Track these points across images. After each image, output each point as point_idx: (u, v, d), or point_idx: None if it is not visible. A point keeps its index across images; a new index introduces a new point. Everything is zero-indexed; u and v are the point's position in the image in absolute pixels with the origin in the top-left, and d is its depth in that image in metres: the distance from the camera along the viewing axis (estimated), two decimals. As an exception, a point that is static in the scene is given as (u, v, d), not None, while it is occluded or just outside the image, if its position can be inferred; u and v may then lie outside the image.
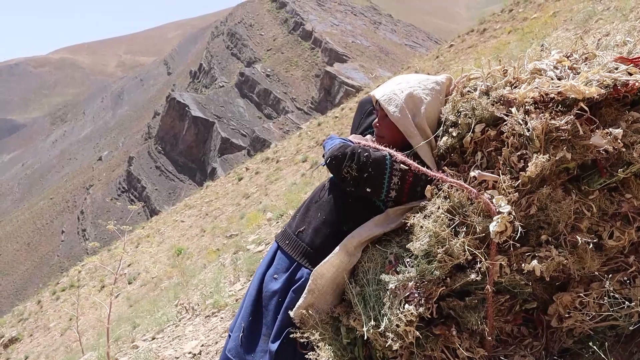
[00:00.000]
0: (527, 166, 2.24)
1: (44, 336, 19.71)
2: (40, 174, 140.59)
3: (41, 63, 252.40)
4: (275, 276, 2.78)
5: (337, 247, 2.57)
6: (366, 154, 2.52)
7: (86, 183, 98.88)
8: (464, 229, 2.32)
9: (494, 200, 2.26)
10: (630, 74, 2.33)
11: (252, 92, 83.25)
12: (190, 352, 5.63)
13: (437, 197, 2.43)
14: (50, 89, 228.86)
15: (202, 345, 5.71)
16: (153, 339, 6.82)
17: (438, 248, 2.30)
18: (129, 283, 19.21)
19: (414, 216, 2.40)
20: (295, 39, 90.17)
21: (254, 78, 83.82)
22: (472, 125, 2.45)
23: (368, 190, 2.55)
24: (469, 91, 2.57)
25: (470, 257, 2.28)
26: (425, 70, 25.14)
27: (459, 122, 2.51)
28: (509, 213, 2.20)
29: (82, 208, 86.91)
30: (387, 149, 2.58)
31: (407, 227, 2.48)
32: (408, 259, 2.41)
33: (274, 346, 2.65)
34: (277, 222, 11.12)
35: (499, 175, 2.32)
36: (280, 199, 16.11)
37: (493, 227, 2.21)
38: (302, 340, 2.60)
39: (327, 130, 27.06)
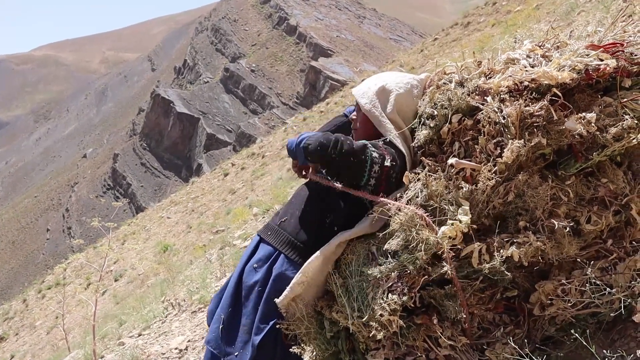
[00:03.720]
0: (504, 153, 2.26)
1: (30, 335, 19.59)
2: (25, 172, 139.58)
3: (24, 60, 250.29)
4: (255, 266, 2.78)
5: (332, 241, 2.59)
6: (349, 142, 2.54)
7: (71, 180, 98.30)
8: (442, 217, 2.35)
9: (460, 210, 2.29)
10: (602, 60, 2.37)
11: (237, 88, 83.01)
12: (176, 348, 5.61)
13: (415, 182, 2.48)
14: (33, 86, 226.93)
15: (189, 341, 5.70)
16: (139, 335, 6.80)
17: (415, 241, 2.33)
18: (115, 280, 19.13)
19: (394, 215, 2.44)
20: (280, 34, 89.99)
21: (239, 73, 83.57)
22: (449, 116, 2.48)
23: (349, 177, 2.58)
24: (444, 83, 2.61)
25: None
26: (410, 64, 25.22)
27: (436, 113, 2.55)
28: (467, 224, 2.25)
29: (67, 206, 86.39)
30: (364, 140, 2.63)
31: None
32: (390, 251, 2.43)
33: (257, 339, 2.65)
34: (263, 217, 11.12)
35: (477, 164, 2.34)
36: (267, 194, 16.10)
37: (444, 229, 2.26)
38: (287, 333, 2.60)
39: (313, 124, 27.09)
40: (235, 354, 2.72)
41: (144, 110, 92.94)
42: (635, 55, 2.42)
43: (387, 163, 2.54)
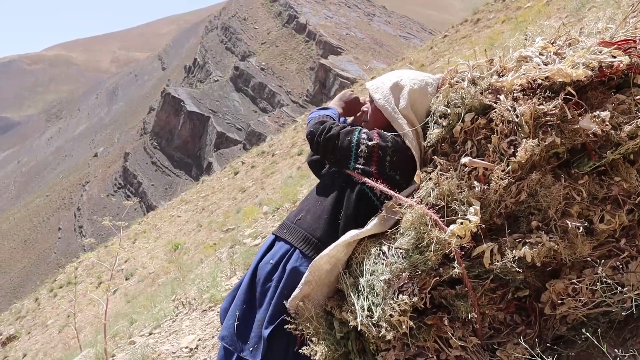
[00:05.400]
0: (517, 152, 2.24)
1: (41, 333, 19.71)
2: (36, 172, 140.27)
3: (35, 60, 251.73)
4: (271, 261, 2.80)
5: (339, 240, 2.60)
6: (337, 126, 2.73)
7: (82, 180, 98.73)
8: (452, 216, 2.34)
9: (471, 210, 2.28)
10: (614, 57, 2.35)
11: (247, 86, 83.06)
12: (187, 347, 5.62)
13: (427, 181, 2.48)
14: (44, 86, 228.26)
15: (199, 340, 5.70)
16: (150, 334, 6.81)
17: (425, 240, 2.33)
18: (126, 279, 19.22)
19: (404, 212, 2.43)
20: (290, 32, 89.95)
21: (249, 72, 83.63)
22: (462, 115, 2.46)
23: (337, 159, 2.73)
24: (457, 81, 2.59)
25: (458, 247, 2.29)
26: (420, 62, 25.15)
27: (449, 112, 2.54)
28: (476, 224, 2.24)
29: (79, 205, 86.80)
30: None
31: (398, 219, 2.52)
32: (401, 251, 2.42)
33: (267, 332, 2.66)
34: (274, 216, 11.11)
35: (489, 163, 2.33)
36: (277, 192, 16.09)
37: (453, 228, 2.25)
38: (296, 333, 2.60)
39: (323, 123, 26.97)
40: (250, 349, 2.73)
41: (154, 109, 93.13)
42: (648, 51, 2.40)
43: (373, 142, 2.64)
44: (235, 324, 2.82)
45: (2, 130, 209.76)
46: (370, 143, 2.63)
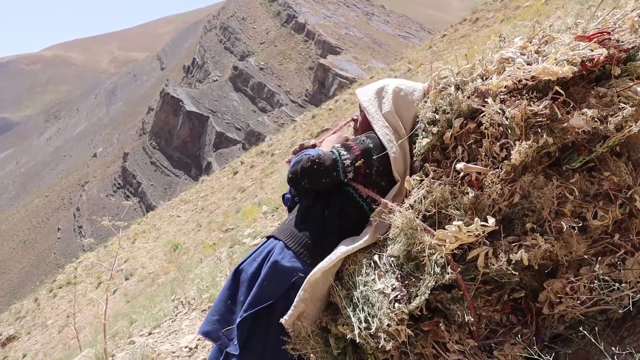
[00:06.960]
0: (510, 155, 2.26)
1: (41, 334, 19.73)
2: (35, 172, 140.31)
3: (33, 60, 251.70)
4: (258, 258, 2.81)
5: (332, 256, 2.59)
6: (315, 165, 2.67)
7: (81, 180, 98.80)
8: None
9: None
10: (592, 50, 2.38)
11: (246, 86, 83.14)
12: (186, 347, 5.63)
13: (418, 189, 2.48)
14: (43, 86, 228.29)
15: (199, 339, 5.71)
16: (150, 334, 6.82)
17: (416, 246, 2.35)
18: (126, 279, 19.23)
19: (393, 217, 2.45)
20: (288, 32, 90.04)
21: (248, 72, 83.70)
22: (452, 121, 2.48)
23: (328, 186, 2.73)
24: (443, 87, 2.61)
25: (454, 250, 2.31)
26: (419, 61, 25.17)
27: (438, 118, 2.55)
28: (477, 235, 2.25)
29: (78, 205, 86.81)
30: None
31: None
32: (392, 259, 2.43)
33: (239, 319, 2.66)
34: (273, 215, 11.12)
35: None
36: (276, 192, 16.11)
37: (441, 232, 2.27)
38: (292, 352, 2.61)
39: (322, 122, 27.09)
40: (235, 343, 2.71)
41: (153, 109, 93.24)
42: (622, 42, 2.44)
43: (358, 163, 2.66)
44: (218, 318, 2.82)
45: (0, 131, 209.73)
46: (357, 164, 2.66)
